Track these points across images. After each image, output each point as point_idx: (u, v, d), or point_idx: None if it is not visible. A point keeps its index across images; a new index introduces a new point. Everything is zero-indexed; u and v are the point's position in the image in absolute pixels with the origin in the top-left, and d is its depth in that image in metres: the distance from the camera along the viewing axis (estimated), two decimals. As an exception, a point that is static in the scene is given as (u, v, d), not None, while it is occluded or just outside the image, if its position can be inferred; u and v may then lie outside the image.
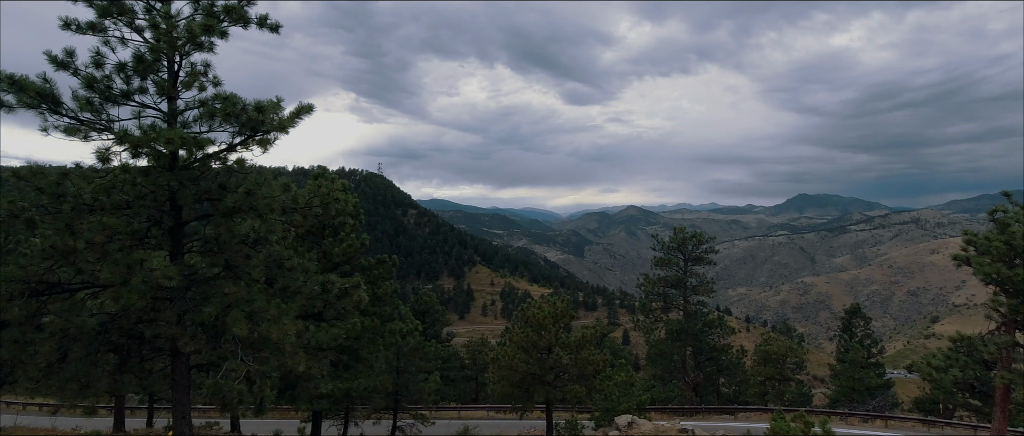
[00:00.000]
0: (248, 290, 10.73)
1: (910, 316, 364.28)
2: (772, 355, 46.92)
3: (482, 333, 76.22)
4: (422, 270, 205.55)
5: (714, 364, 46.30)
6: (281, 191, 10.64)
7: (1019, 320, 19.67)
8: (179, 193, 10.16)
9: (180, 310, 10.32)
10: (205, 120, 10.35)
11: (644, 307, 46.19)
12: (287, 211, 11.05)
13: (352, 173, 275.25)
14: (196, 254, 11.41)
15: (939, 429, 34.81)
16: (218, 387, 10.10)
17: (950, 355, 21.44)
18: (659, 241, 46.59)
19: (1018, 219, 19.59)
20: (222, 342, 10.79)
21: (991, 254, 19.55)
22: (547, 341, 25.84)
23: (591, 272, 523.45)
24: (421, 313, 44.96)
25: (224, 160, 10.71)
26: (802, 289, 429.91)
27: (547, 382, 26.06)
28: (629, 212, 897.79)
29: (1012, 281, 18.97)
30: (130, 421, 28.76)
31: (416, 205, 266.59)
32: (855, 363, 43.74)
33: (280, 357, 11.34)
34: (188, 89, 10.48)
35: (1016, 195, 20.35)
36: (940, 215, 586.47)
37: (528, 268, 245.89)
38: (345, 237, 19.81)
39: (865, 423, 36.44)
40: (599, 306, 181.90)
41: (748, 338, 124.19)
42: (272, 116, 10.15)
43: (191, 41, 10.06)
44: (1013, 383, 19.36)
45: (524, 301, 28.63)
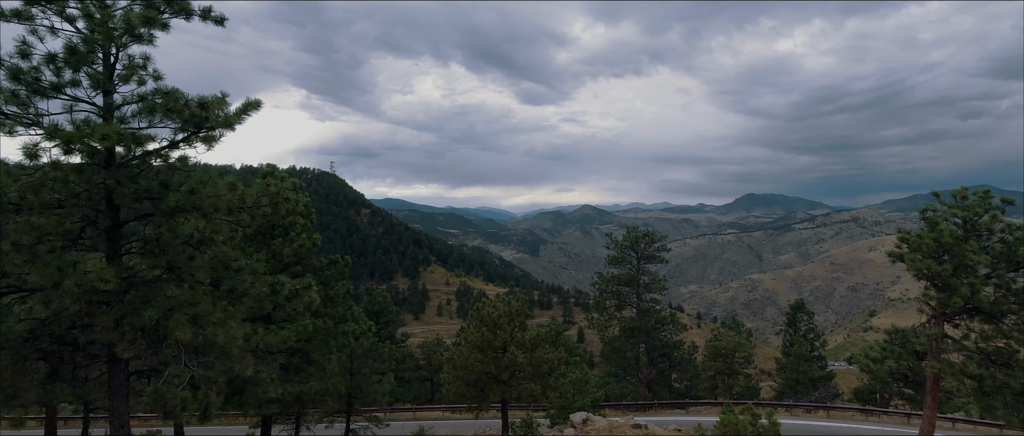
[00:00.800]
0: (192, 293, 10.33)
1: (850, 310, 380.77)
2: (722, 350, 48.21)
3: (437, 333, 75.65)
4: (376, 270, 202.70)
5: (667, 360, 47.26)
6: (227, 190, 10.27)
7: (947, 313, 20.78)
8: (116, 192, 9.67)
9: (118, 314, 9.83)
10: (145, 116, 9.89)
11: (598, 305, 46.76)
12: (234, 211, 10.67)
13: (303, 172, 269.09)
14: (136, 255, 10.89)
15: (876, 418, 36.48)
16: (159, 394, 9.68)
17: (886, 347, 22.48)
18: (613, 240, 47.24)
19: (946, 218, 20.69)
20: (164, 347, 10.34)
21: (922, 251, 20.58)
22: (502, 340, 25.86)
23: (546, 271, 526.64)
24: (375, 314, 44.33)
25: (166, 158, 10.27)
26: (750, 286, 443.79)
27: (502, 381, 26.07)
28: (584, 211, 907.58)
29: (941, 276, 20.01)
30: (63, 431, 27.33)
31: (370, 204, 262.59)
32: (799, 356, 45.44)
33: (227, 361, 10.96)
34: (126, 83, 9.99)
35: (945, 195, 21.49)
36: (877, 214, 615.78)
37: (484, 267, 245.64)
38: (296, 237, 19.32)
39: (809, 414, 37.86)
40: (554, 305, 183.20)
41: (699, 334, 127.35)
42: (217, 112, 9.78)
43: (129, 32, 9.59)
44: (942, 372, 20.45)
45: (479, 301, 28.54)
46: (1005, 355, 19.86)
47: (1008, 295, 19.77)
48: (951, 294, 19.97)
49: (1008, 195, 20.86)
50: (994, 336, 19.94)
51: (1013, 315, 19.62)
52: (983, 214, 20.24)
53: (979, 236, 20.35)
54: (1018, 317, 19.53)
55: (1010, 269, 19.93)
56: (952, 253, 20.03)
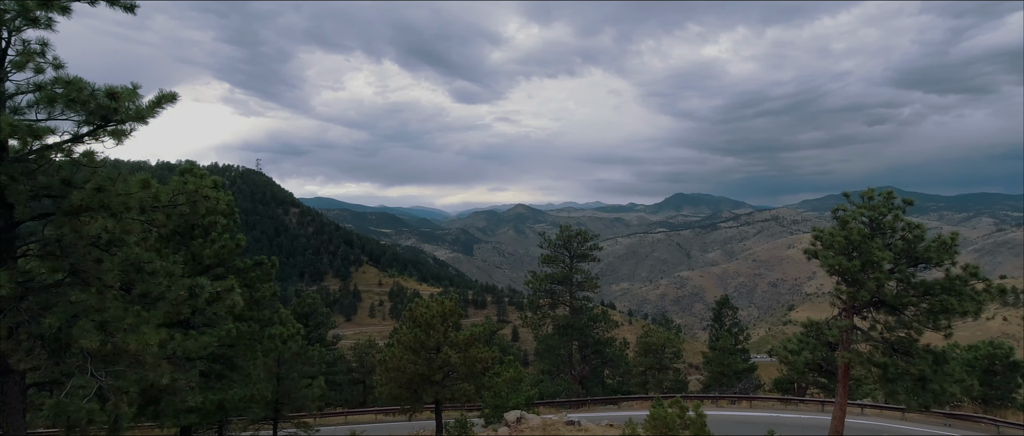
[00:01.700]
0: (100, 298, 9.61)
1: (771, 305, 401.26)
2: (652, 346, 49.66)
3: (370, 335, 74.25)
4: (306, 271, 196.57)
5: (599, 357, 48.19)
6: (139, 187, 9.62)
7: (856, 306, 22.21)
8: (10, 189, 8.87)
9: (13, 322, 9.02)
10: (44, 106, 9.09)
11: (532, 304, 47.11)
12: (147, 210, 10.01)
13: (227, 169, 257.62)
14: (33, 258, 10.04)
15: (794, 406, 38.55)
16: (62, 407, 8.96)
17: (802, 339, 23.79)
18: (546, 239, 47.70)
19: (855, 217, 22.10)
20: (67, 356, 9.58)
21: (834, 248, 21.90)
22: (436, 341, 25.62)
23: (480, 270, 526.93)
24: (304, 316, 42.93)
25: (69, 152, 9.49)
26: (679, 283, 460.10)
27: (436, 382, 25.84)
28: (517, 210, 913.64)
29: (850, 271, 21.36)
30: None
31: (298, 203, 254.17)
32: (725, 350, 47.41)
33: (140, 370, 10.28)
34: (20, 70, 9.16)
35: (854, 196, 22.94)
36: (795, 213, 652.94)
37: (417, 267, 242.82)
38: (217, 238, 18.40)
39: (733, 405, 39.55)
40: (488, 304, 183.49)
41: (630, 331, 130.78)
42: (127, 104, 9.13)
43: (23, 16, 8.80)
44: (852, 361, 21.84)
45: (413, 301, 28.15)
46: (906, 344, 21.42)
47: (908, 289, 21.34)
48: (859, 288, 21.36)
49: (909, 196, 22.47)
50: (896, 327, 21.46)
51: (913, 307, 21.18)
52: (887, 213, 21.73)
53: (883, 234, 21.83)
54: (917, 309, 21.10)
55: (910, 264, 21.50)
56: (860, 250, 21.41)
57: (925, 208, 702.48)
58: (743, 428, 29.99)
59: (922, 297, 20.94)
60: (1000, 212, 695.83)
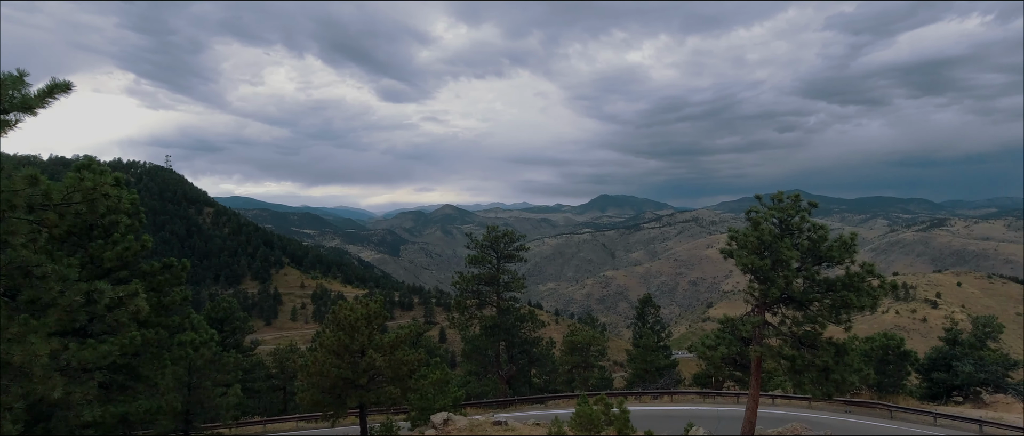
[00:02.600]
0: (-22, 305, 8.68)
1: (691, 303, 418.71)
2: (578, 345, 50.53)
3: (291, 339, 71.52)
4: (222, 274, 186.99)
5: (526, 356, 48.55)
6: (26, 184, 8.76)
7: (767, 302, 23.46)
8: None
9: None
10: (-90, 91, 8.12)
11: (459, 305, 46.85)
12: (35, 208, 9.13)
13: (132, 166, 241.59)
14: (-102, 262, 8.94)
15: (712, 400, 40.33)
16: (-69, 429, 8.01)
17: (718, 335, 24.85)
18: (473, 240, 47.58)
19: (766, 218, 23.33)
20: (-62, 371, 8.59)
21: (747, 248, 23.03)
22: (360, 343, 24.94)
23: (407, 271, 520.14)
24: (219, 321, 40.76)
25: (-58, 143, 8.52)
26: (604, 282, 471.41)
27: (360, 386, 25.15)
28: (445, 211, 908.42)
29: (762, 270, 22.54)
30: None
31: (213, 203, 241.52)
32: (647, 347, 48.90)
33: (27, 384, 9.36)
34: None
35: (765, 198, 24.22)
36: (714, 214, 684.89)
37: (342, 269, 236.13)
38: (119, 239, 17.10)
39: (655, 400, 40.89)
40: (416, 305, 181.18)
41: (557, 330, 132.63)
42: (12, 92, 8.29)
43: None
44: (764, 355, 23.03)
45: (337, 303, 27.30)
46: (812, 337, 22.83)
47: (814, 285, 22.76)
48: (770, 286, 22.58)
49: (814, 198, 23.97)
50: (803, 322, 22.83)
51: (817, 303, 22.61)
52: (795, 215, 23.09)
53: (792, 234, 23.16)
54: (821, 304, 22.54)
55: (815, 263, 22.94)
56: (771, 249, 22.63)
57: (828, 210, 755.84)
58: (665, 422, 31.03)
59: (825, 293, 22.40)
60: (893, 214, 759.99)
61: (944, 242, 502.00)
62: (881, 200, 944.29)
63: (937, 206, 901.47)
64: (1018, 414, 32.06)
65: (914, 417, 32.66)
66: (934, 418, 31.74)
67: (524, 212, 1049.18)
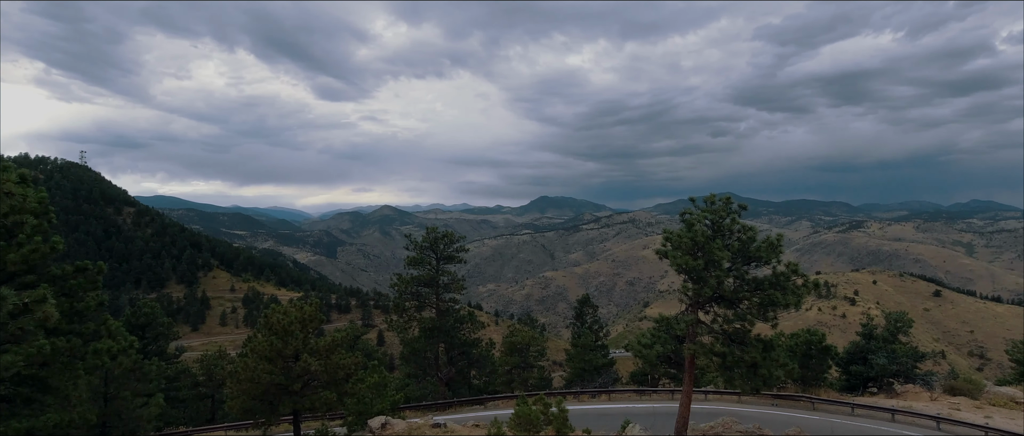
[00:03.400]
0: None
1: (629, 303, 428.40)
2: (517, 345, 50.70)
3: (220, 345, 68.47)
4: (144, 277, 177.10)
5: (466, 358, 48.30)
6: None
7: (700, 301, 24.24)
8: None
9: None
10: None
11: (398, 307, 46.10)
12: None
13: (41, 162, 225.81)
14: None
15: (648, 397, 41.32)
16: None
17: (654, 334, 25.49)
18: (412, 241, 46.94)
19: (699, 220, 24.11)
20: None
21: (681, 248, 23.72)
22: (294, 348, 24.11)
23: (345, 273, 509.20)
24: (140, 327, 38.55)
25: None
26: (543, 283, 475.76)
27: (294, 392, 24.32)
28: (384, 212, 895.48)
29: (695, 270, 23.26)
30: None
31: (135, 202, 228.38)
32: (586, 347, 49.60)
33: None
34: None
35: (699, 201, 25.02)
36: (650, 216, 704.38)
37: (275, 271, 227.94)
38: (25, 240, 15.79)
39: (593, 398, 41.49)
40: (353, 308, 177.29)
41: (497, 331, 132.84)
42: None
43: None
44: (697, 352, 23.76)
45: (269, 307, 26.30)
46: (741, 334, 23.74)
47: (743, 285, 23.68)
48: (703, 285, 23.33)
49: (744, 201, 24.99)
50: (733, 319, 23.71)
51: (746, 301, 23.54)
52: (726, 217, 23.95)
53: (723, 235, 24.02)
54: (750, 302, 23.48)
55: (744, 263, 23.87)
56: (704, 250, 23.38)
57: (757, 212, 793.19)
58: (602, 420, 31.53)
59: (754, 292, 23.35)
60: (816, 216, 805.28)
61: (861, 243, 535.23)
62: (805, 203, 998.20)
63: (855, 209, 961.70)
64: (925, 402, 34.48)
65: (834, 408, 34.55)
66: (852, 409, 33.71)
67: (464, 213, 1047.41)
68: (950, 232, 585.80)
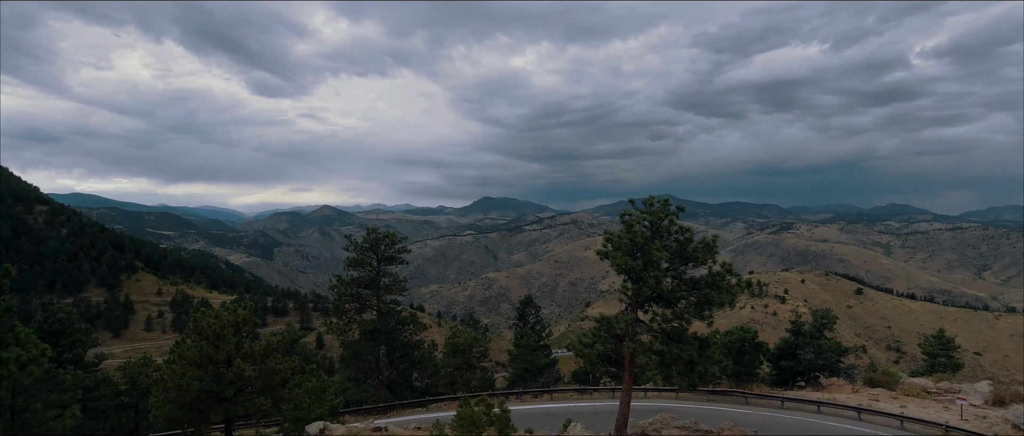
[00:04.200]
0: None
1: (571, 303, 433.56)
2: (460, 347, 50.41)
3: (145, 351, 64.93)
4: (58, 281, 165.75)
5: (408, 360, 47.64)
6: None
7: (639, 301, 24.72)
8: None
9: None
10: None
11: (337, 309, 44.99)
12: None
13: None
14: None
15: (590, 396, 41.85)
16: None
17: (595, 333, 25.80)
18: (353, 242, 45.94)
19: (639, 221, 24.59)
20: None
21: (621, 249, 24.13)
22: (226, 353, 23.08)
23: (281, 275, 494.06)
24: (54, 334, 36.03)
25: None
26: (486, 284, 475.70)
27: (227, 399, 23.28)
28: (323, 212, 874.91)
29: (635, 270, 23.71)
30: None
31: (48, 200, 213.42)
32: (528, 347, 49.81)
33: None
34: None
35: (638, 202, 25.52)
36: (592, 217, 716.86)
37: (207, 273, 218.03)
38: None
39: (536, 398, 41.68)
40: (291, 310, 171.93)
41: (439, 333, 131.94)
42: None
43: None
44: (636, 351, 24.21)
45: (199, 310, 25.06)
46: (679, 333, 24.37)
47: (681, 284, 24.32)
48: (642, 285, 23.82)
49: (682, 203, 25.69)
50: (671, 318, 24.32)
51: (684, 300, 24.19)
52: (664, 219, 24.54)
53: (661, 236, 24.59)
54: (687, 301, 24.14)
55: (682, 263, 24.52)
56: (643, 251, 23.87)
57: (695, 214, 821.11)
58: (544, 420, 31.72)
59: (691, 291, 24.02)
60: (750, 218, 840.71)
61: (791, 244, 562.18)
62: (740, 205, 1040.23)
63: (786, 211, 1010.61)
64: (848, 393, 36.43)
65: (765, 402, 36.02)
66: (781, 402, 35.24)
67: (407, 214, 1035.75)
68: (870, 234, 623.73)
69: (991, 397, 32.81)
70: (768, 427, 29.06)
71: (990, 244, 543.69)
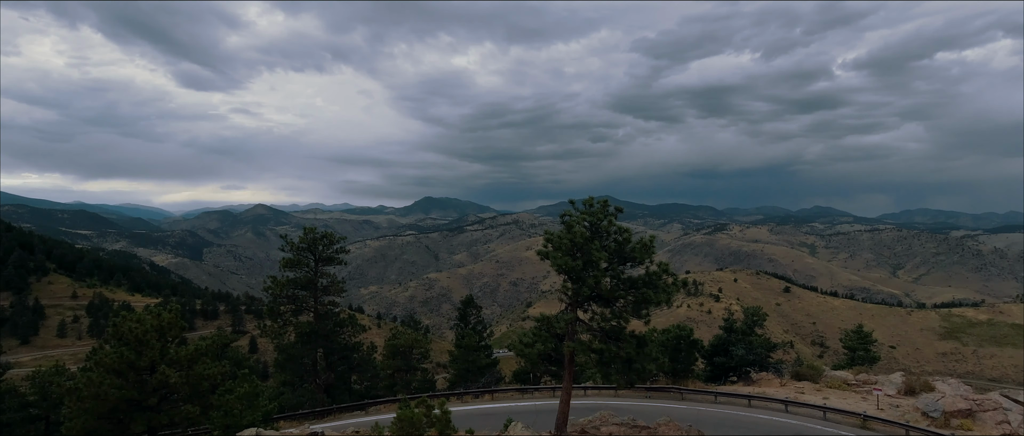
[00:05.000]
0: None
1: (512, 303, 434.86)
2: (400, 348, 49.64)
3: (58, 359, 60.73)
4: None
5: (346, 363, 46.51)
6: None
7: (579, 300, 25.03)
8: None
9: None
10: None
11: (272, 311, 43.39)
12: None
13: None
14: None
15: (530, 395, 42.04)
16: None
17: (535, 333, 25.94)
18: (289, 242, 44.46)
19: (579, 222, 24.91)
20: None
21: (561, 249, 24.38)
22: (149, 359, 21.86)
23: (212, 277, 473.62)
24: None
25: None
26: (428, 284, 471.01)
27: (150, 407, 22.04)
28: (257, 211, 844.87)
29: (575, 270, 24.00)
30: None
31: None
32: (469, 347, 49.59)
33: None
34: None
35: (579, 203, 25.83)
36: (533, 218, 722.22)
37: (129, 275, 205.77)
38: None
39: (477, 399, 41.51)
40: (222, 314, 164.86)
41: (379, 334, 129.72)
42: None
43: None
44: (576, 350, 24.49)
45: (120, 315, 23.60)
46: (617, 331, 24.81)
47: (619, 284, 24.78)
48: (581, 285, 24.13)
49: (621, 204, 26.21)
50: (610, 317, 24.74)
51: (622, 299, 24.66)
52: (603, 219, 24.94)
53: (601, 237, 24.99)
54: (625, 301, 24.62)
55: (621, 263, 24.99)
56: (583, 251, 24.18)
57: (633, 215, 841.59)
58: (486, 420, 31.62)
59: (629, 291, 24.52)
60: (686, 219, 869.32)
61: (725, 244, 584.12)
62: (677, 207, 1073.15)
63: (720, 213, 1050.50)
64: (776, 387, 38.11)
65: (700, 397, 37.21)
66: (715, 397, 36.51)
67: (346, 213, 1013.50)
68: (797, 234, 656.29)
69: (904, 387, 35.09)
70: (702, 422, 30.00)
71: (904, 245, 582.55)
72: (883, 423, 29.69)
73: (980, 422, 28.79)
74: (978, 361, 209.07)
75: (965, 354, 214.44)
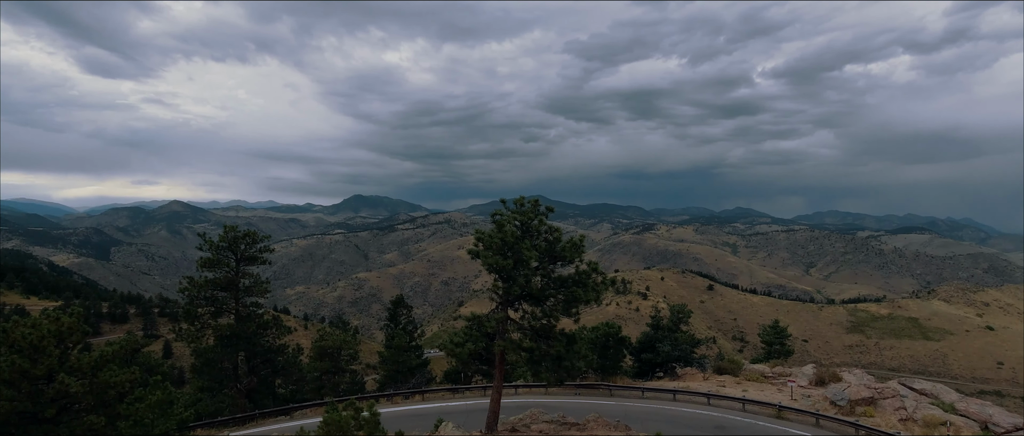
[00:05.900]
0: None
1: (444, 302, 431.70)
2: (327, 350, 48.27)
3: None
4: None
5: (270, 366, 44.75)
6: None
7: (510, 299, 25.13)
8: None
9: None
10: None
11: (189, 314, 41.14)
12: None
13: None
14: None
15: (462, 395, 41.85)
16: None
17: (466, 332, 25.83)
18: (207, 240, 42.29)
19: (510, 221, 25.00)
20: None
21: (492, 248, 24.39)
22: (47, 367, 20.19)
23: (121, 277, 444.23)
24: None
25: None
26: (357, 284, 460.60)
27: (46, 420, 20.36)
28: (172, 208, 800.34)
29: (505, 269, 24.07)
30: None
31: None
32: (399, 348, 48.84)
33: None
34: None
35: (510, 203, 25.92)
36: (465, 217, 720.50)
37: (23, 276, 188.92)
38: None
39: (407, 400, 40.92)
40: (132, 317, 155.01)
41: (306, 336, 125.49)
42: None
43: None
44: (506, 348, 24.58)
45: (12, 320, 21.67)
46: (547, 330, 25.08)
47: (550, 283, 25.05)
48: (512, 284, 24.23)
49: (552, 204, 26.55)
50: (541, 316, 24.97)
51: (552, 298, 24.95)
52: (534, 218, 25.16)
53: (531, 236, 25.18)
54: (555, 299, 24.92)
55: (551, 262, 25.28)
56: (513, 250, 24.29)
57: (564, 215, 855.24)
58: (416, 421, 31.23)
59: (559, 289, 24.84)
60: (615, 219, 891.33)
61: (652, 244, 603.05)
62: (607, 207, 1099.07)
63: (648, 213, 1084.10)
64: (700, 381, 39.66)
65: (628, 393, 38.21)
66: (642, 392, 37.58)
67: (271, 211, 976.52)
68: (720, 234, 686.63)
69: (815, 378, 37.37)
70: (630, 417, 30.80)
71: (816, 244, 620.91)
72: (796, 412, 31.56)
73: (881, 409, 31.04)
74: (879, 352, 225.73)
75: (868, 346, 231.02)
